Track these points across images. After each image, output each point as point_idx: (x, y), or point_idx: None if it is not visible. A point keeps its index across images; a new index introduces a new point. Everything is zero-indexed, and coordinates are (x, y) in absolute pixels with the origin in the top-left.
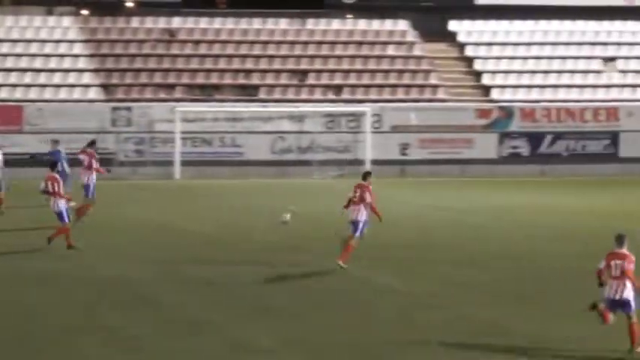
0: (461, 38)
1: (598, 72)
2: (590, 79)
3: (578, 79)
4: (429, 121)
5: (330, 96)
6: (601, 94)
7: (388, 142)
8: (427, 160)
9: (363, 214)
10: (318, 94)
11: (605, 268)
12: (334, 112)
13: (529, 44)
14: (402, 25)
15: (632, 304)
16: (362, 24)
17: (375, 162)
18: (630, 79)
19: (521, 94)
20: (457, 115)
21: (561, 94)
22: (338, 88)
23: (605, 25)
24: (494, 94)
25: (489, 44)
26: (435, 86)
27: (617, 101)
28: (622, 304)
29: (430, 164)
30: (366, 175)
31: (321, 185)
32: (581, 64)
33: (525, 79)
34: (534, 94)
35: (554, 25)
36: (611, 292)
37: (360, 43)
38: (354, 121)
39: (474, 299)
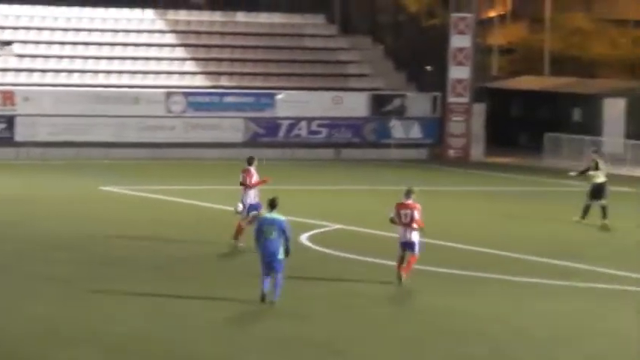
0: None
1: None
2: None
3: None
4: None
5: None
6: None
7: None
8: None
9: (249, 197)
10: None
11: (396, 216)
12: None
13: None
14: None
15: (417, 246)
16: None
17: None
18: (26, 63)
19: None
20: None
21: None
22: None
23: (2, 9)
24: None
25: None
26: None
27: (14, 85)
28: (409, 245)
29: None
30: (250, 160)
31: None
32: None
33: None
34: None
35: None
36: (402, 236)
37: None
38: None
39: None
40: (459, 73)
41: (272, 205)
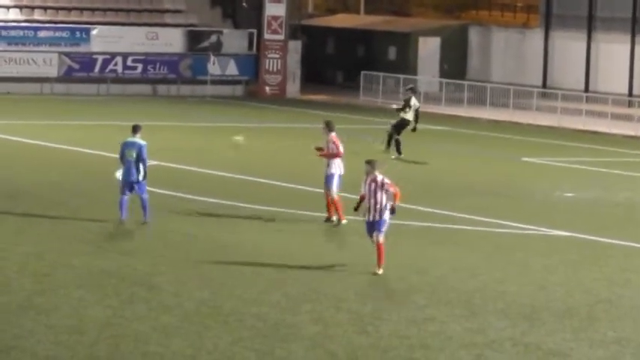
0: None
1: None
2: None
3: None
4: None
5: None
6: None
7: None
8: None
9: (330, 167)
10: None
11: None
12: None
13: None
14: None
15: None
16: None
17: None
18: None
19: None
20: None
21: None
22: None
23: None
24: None
25: None
26: None
27: None
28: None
29: None
30: (332, 125)
31: None
32: None
33: None
34: None
35: None
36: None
37: None
38: None
39: None
40: (274, 10)
41: (135, 130)
